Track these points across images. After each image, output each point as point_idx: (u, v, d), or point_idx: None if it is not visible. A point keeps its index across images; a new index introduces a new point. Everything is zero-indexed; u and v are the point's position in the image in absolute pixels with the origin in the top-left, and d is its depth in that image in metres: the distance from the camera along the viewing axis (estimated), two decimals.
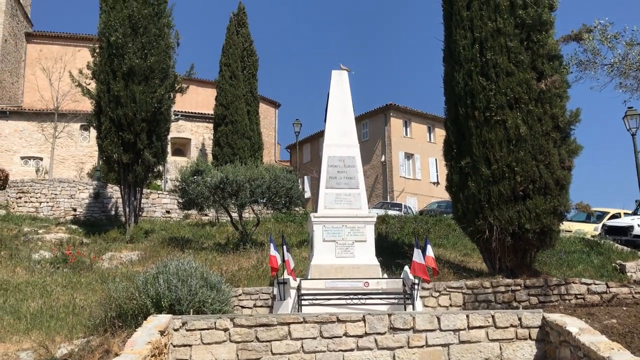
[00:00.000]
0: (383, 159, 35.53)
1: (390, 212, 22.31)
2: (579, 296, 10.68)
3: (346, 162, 10.89)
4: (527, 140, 11.14)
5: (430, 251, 9.65)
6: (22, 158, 32.78)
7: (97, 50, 19.38)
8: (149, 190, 22.44)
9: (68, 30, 39.83)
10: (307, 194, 34.83)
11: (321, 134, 38.07)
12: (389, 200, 31.95)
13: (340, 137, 11.24)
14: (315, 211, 10.87)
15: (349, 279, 9.85)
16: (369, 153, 35.73)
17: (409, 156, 36.40)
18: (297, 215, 21.60)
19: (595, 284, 10.85)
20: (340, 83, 11.73)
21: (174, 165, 29.77)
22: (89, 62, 19.79)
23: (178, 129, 33.87)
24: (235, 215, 17.08)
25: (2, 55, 34.64)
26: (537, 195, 11.06)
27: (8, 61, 35.78)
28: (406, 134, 36.83)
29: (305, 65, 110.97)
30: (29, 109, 34.16)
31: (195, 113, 35.85)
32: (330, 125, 11.38)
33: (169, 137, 21.94)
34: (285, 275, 9.84)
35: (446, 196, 17.86)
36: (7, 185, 22.80)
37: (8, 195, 22.33)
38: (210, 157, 31.74)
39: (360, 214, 10.59)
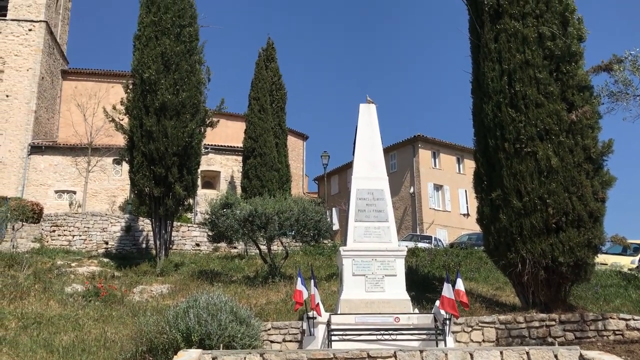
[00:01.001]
0: (412, 190, 35.35)
1: (420, 245, 22.11)
2: (617, 332, 10.32)
3: (375, 195, 10.87)
4: (559, 172, 10.98)
5: (460, 285, 9.50)
6: (57, 192, 33.53)
7: (131, 87, 19.91)
8: (179, 223, 22.68)
9: (102, 67, 41.14)
10: (336, 226, 34.75)
11: (349, 166, 38.12)
12: (418, 233, 31.68)
13: (369, 170, 11.25)
14: (345, 244, 10.83)
15: (380, 314, 9.73)
16: (398, 184, 35.60)
17: (438, 187, 36.15)
18: (326, 247, 21.54)
19: (634, 320, 10.48)
20: (368, 116, 11.79)
21: (204, 198, 30.07)
22: (122, 98, 20.31)
23: (208, 162, 34.32)
24: (264, 248, 17.12)
25: (39, 92, 35.77)
26: (570, 228, 10.83)
27: (44, 98, 36.92)
28: (435, 165, 36.66)
29: (333, 97, 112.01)
30: (63, 144, 35.09)
31: (224, 146, 36.33)
32: (359, 158, 11.41)
33: (199, 170, 22.28)
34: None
35: (477, 228, 17.63)
36: (42, 219, 23.32)
37: (42, 229, 22.80)
38: (239, 190, 32.02)
39: (390, 248, 10.50)
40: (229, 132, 37.70)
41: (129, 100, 19.72)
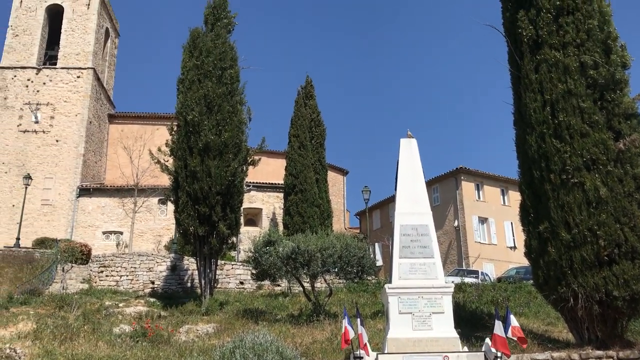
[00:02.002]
0: (456, 224, 34.81)
1: (467, 280, 21.66)
2: None
3: (419, 231, 10.74)
4: (609, 203, 10.65)
5: (514, 321, 9.25)
6: (104, 233, 34.38)
7: (175, 129, 20.43)
8: (223, 262, 22.86)
9: (147, 110, 42.37)
10: (379, 262, 34.40)
11: (390, 200, 37.91)
12: (464, 267, 31.06)
13: (412, 205, 11.15)
14: (389, 282, 10.68)
15: (428, 352, 9.50)
16: (441, 218, 35.14)
17: (483, 220, 35.50)
18: (370, 284, 21.32)
19: None
20: (409, 150, 11.75)
21: (247, 236, 30.31)
22: (167, 139, 20.84)
23: (250, 200, 34.69)
24: (307, 285, 17.05)
25: (87, 136, 37.08)
26: (623, 260, 10.43)
27: (92, 141, 38.23)
28: (479, 197, 36.09)
29: (372, 131, 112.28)
30: (110, 186, 36.12)
31: (265, 183, 36.72)
32: (401, 193, 11.34)
33: (242, 208, 22.51)
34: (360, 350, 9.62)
35: (525, 261, 17.17)
36: (90, 260, 23.87)
37: (91, 270, 23.32)
38: (281, 226, 32.17)
39: (437, 285, 10.31)
40: (270, 170, 38.13)
41: (174, 142, 20.21)
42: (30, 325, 14.26)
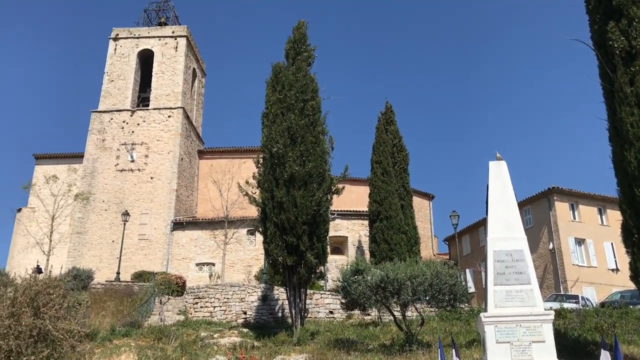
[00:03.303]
0: (551, 246, 33.21)
1: (566, 305, 20.55)
2: None
3: (514, 256, 10.32)
4: None
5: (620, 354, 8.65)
6: (197, 264, 35.57)
7: (261, 161, 20.94)
8: (312, 291, 22.96)
9: (234, 144, 43.87)
10: (471, 289, 33.32)
11: (480, 224, 36.86)
12: (562, 292, 29.48)
13: (505, 230, 10.75)
14: (485, 310, 10.30)
15: None
16: (535, 241, 33.63)
17: (579, 242, 33.65)
18: (463, 312, 20.67)
19: None
20: (498, 173, 11.39)
21: (333, 264, 30.39)
22: (254, 172, 21.39)
23: (334, 228, 34.77)
24: (398, 314, 16.75)
25: (179, 172, 38.79)
26: None
27: (184, 177, 39.93)
28: (574, 217, 34.29)
29: (458, 154, 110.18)
30: (202, 219, 37.45)
31: (350, 211, 36.73)
32: (493, 217, 10.98)
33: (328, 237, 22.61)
34: None
35: (629, 284, 16.08)
36: (185, 292, 24.68)
37: (186, 301, 24.10)
38: (367, 254, 31.98)
39: (535, 312, 9.82)
40: (353, 197, 38.16)
41: (260, 174, 20.71)
42: (132, 356, 14.89)
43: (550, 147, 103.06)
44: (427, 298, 15.99)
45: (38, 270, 26.92)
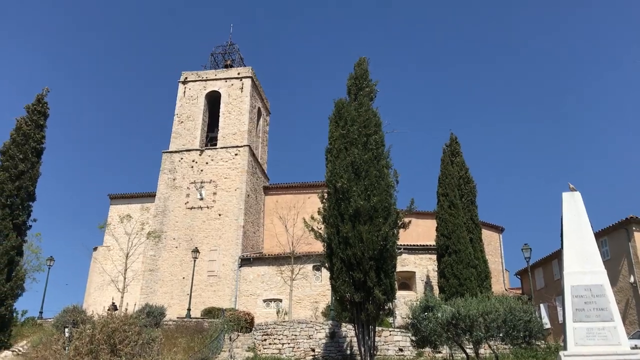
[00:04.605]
0: (632, 279, 31.31)
1: None
2: None
3: (593, 292, 9.80)
4: None
5: None
6: (264, 300, 35.75)
7: (325, 196, 21.00)
8: (380, 328, 22.55)
9: (298, 180, 44.36)
10: (547, 325, 31.80)
11: (554, 257, 35.37)
12: None
13: (582, 264, 10.26)
14: (564, 348, 9.79)
15: None
16: (614, 274, 31.81)
17: None
18: (539, 349, 19.72)
19: None
20: (573, 205, 10.95)
21: (401, 300, 29.78)
22: (318, 207, 21.45)
23: (402, 263, 34.20)
24: (470, 352, 16.20)
25: (246, 209, 39.45)
26: None
27: (250, 213, 40.57)
28: None
29: (528, 185, 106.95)
30: (268, 255, 37.78)
31: (417, 245, 36.11)
32: (569, 250, 10.51)
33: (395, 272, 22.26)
34: None
35: None
36: (254, 328, 24.78)
37: (255, 338, 24.18)
38: (436, 289, 31.21)
39: (620, 351, 9.24)
40: (420, 231, 37.54)
41: (325, 209, 20.73)
42: None
43: (627, 174, 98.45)
44: (500, 335, 15.42)
45: (114, 307, 27.78)
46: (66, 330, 18.97)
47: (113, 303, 30.50)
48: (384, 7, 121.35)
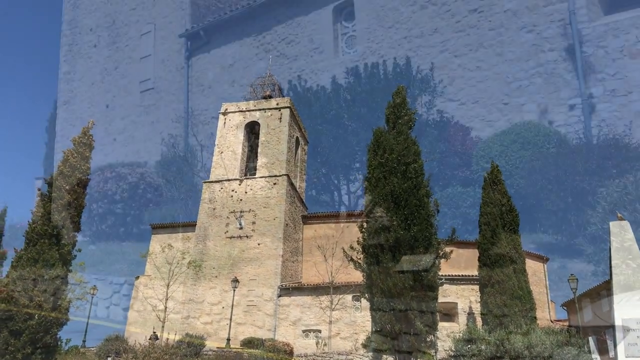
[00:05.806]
0: None
1: None
2: None
3: None
4: None
5: None
6: (303, 331, 35.42)
7: (365, 226, 20.90)
8: None
9: (337, 209, 44.31)
10: (597, 359, 30.56)
11: (603, 287, 34.11)
12: None
13: (632, 295, 9.86)
14: None
15: None
16: None
17: None
18: None
19: None
20: (621, 234, 10.61)
21: (443, 332, 29.10)
22: (358, 237, 21.35)
23: (443, 294, 33.50)
24: None
25: (284, 238, 39.49)
26: None
27: (289, 242, 40.57)
28: None
29: (570, 214, 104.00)
30: (307, 284, 37.57)
31: (459, 276, 35.39)
32: (617, 281, 10.14)
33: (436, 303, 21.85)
34: None
35: None
36: (293, 359, 24.57)
37: None
38: (478, 321, 30.41)
39: None
40: (462, 261, 36.81)
41: (364, 239, 20.63)
42: None
43: None
44: None
45: (155, 336, 28.00)
46: (109, 359, 19.20)
47: (154, 332, 30.77)
48: None
